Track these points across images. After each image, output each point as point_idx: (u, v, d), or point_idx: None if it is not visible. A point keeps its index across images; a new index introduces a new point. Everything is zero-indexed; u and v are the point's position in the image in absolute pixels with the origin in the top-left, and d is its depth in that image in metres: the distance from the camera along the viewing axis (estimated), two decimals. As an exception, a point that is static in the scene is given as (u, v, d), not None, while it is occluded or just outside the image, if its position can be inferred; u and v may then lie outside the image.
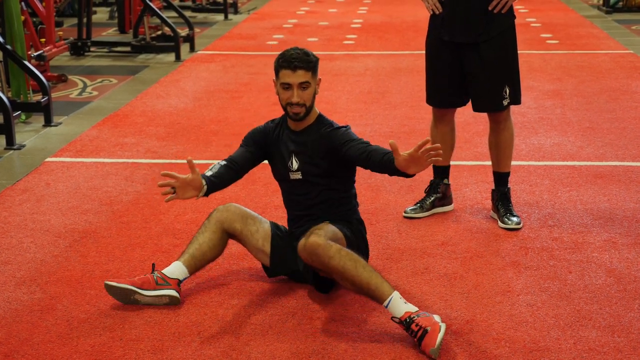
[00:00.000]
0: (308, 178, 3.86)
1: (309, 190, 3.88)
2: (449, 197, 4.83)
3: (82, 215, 4.80)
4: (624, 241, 4.38)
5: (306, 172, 3.86)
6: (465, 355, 3.33)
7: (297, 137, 3.87)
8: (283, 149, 3.88)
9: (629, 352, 3.34)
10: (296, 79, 3.73)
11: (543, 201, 4.95)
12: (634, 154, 5.77)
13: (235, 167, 3.85)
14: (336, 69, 8.64)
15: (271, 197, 5.05)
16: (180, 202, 4.96)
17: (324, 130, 3.83)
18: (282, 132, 3.91)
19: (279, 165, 3.91)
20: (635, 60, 8.78)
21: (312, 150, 3.83)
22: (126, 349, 3.40)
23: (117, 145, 6.12)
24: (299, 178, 3.87)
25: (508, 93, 4.54)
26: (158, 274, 3.75)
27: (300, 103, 3.76)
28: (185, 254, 3.81)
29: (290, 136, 3.88)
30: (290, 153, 3.87)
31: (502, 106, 4.54)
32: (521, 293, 3.84)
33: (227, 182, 3.83)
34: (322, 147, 3.81)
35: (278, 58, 3.80)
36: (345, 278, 3.47)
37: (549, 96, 7.36)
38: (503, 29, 4.54)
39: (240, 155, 3.89)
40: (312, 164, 3.84)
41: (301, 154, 3.85)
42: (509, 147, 4.66)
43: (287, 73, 3.75)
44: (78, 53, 9.49)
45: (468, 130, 6.37)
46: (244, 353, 3.36)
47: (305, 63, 3.75)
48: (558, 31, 10.61)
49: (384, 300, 3.42)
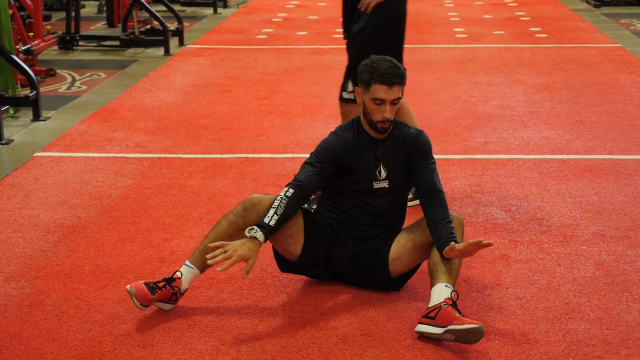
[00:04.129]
0: (394, 186, 3.73)
1: (388, 200, 3.75)
2: None
3: (71, 210, 4.79)
4: (613, 234, 4.39)
5: (393, 180, 3.72)
6: (455, 347, 3.34)
7: (381, 144, 3.69)
8: (368, 158, 3.68)
9: (617, 345, 3.36)
10: (391, 95, 3.56)
11: (532, 194, 4.96)
12: (622, 147, 5.79)
13: (305, 195, 3.59)
14: (326, 62, 8.64)
15: (261, 191, 5.04)
16: (168, 196, 4.95)
17: (406, 131, 3.71)
18: (361, 140, 3.69)
19: (362, 176, 3.69)
20: (624, 54, 8.80)
21: (397, 156, 3.70)
22: (116, 344, 3.39)
23: (106, 139, 6.10)
24: (384, 187, 3.72)
25: (350, 87, 4.59)
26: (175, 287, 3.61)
27: (391, 120, 3.62)
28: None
29: (373, 143, 3.69)
30: (378, 162, 3.69)
31: (342, 97, 4.65)
32: (510, 286, 3.85)
33: (293, 214, 3.59)
34: (406, 151, 3.70)
35: (370, 71, 3.58)
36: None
37: (538, 90, 7.37)
38: (366, 26, 4.55)
39: (312, 179, 3.61)
40: (398, 171, 3.72)
41: (388, 161, 3.70)
42: None
43: (383, 89, 3.55)
44: (66, 47, 9.45)
45: (457, 124, 6.39)
46: (234, 347, 3.36)
47: (400, 78, 3.57)
48: (547, 25, 10.63)
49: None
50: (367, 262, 3.74)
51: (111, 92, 7.52)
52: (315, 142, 5.95)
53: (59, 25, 10.34)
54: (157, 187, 5.12)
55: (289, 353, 3.32)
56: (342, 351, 3.33)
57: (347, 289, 3.81)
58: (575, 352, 3.31)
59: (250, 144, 5.95)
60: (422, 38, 9.87)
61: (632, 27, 10.46)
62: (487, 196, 4.94)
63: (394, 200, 3.79)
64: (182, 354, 3.32)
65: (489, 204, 4.83)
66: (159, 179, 5.27)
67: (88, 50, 9.53)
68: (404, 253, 3.69)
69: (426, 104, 6.89)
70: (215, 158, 5.67)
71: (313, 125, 6.43)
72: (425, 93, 7.16)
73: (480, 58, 8.72)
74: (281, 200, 3.52)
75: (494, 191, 5.02)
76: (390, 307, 3.66)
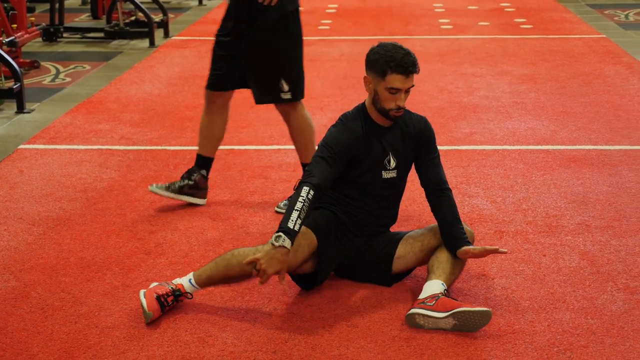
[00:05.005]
0: (402, 176, 3.72)
1: (395, 189, 3.74)
2: (202, 190, 4.67)
3: (56, 202, 4.77)
4: (597, 224, 4.41)
5: (402, 170, 3.70)
6: (441, 339, 3.35)
7: (389, 132, 3.65)
8: (377, 148, 3.62)
9: (602, 334, 3.38)
10: (407, 84, 3.51)
11: (517, 185, 4.98)
12: (607, 138, 5.81)
13: (322, 194, 3.51)
14: (311, 54, 8.62)
15: (246, 184, 5.04)
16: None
17: (412, 118, 3.70)
18: (369, 130, 3.62)
19: (371, 166, 3.63)
20: (608, 45, 8.83)
21: (405, 145, 3.67)
22: (102, 337, 3.39)
23: (91, 132, 6.08)
24: (392, 177, 3.68)
25: (288, 87, 4.44)
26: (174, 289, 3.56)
27: (404, 108, 3.58)
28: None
29: (381, 132, 3.63)
30: (387, 151, 3.64)
31: (281, 99, 4.46)
32: (496, 277, 3.86)
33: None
34: (415, 140, 3.68)
35: (387, 60, 3.50)
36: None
37: (523, 81, 7.39)
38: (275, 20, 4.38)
39: (327, 176, 3.50)
40: (406, 161, 3.70)
41: (397, 151, 3.66)
42: (302, 139, 4.57)
43: (400, 78, 3.49)
44: (50, 39, 9.40)
45: (443, 115, 6.39)
46: (220, 339, 3.36)
47: (416, 67, 3.51)
48: (532, 16, 10.65)
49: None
50: (371, 258, 3.73)
51: (96, 84, 7.48)
52: (300, 134, 5.97)
53: (43, 17, 10.28)
54: (143, 179, 5.10)
55: (275, 344, 3.33)
56: (328, 342, 3.33)
57: (333, 280, 3.81)
58: (561, 341, 3.33)
59: (236, 136, 5.94)
60: (407, 29, 9.87)
61: (616, 18, 10.49)
62: (473, 187, 4.95)
63: (400, 190, 3.80)
64: (168, 346, 3.32)
65: (474, 194, 4.84)
66: (145, 171, 5.25)
67: (72, 42, 9.48)
68: (411, 252, 3.71)
69: (412, 96, 6.87)
70: (200, 150, 5.65)
71: (299, 116, 6.41)
72: (411, 84, 7.16)
73: (465, 49, 8.73)
74: (304, 203, 3.39)
75: (480, 182, 5.03)
76: (376, 298, 3.67)
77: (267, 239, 4.24)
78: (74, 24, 10.23)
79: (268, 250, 3.34)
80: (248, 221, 4.50)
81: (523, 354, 3.25)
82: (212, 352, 3.28)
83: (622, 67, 7.83)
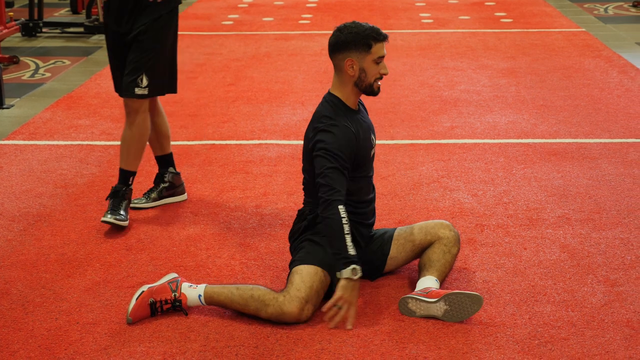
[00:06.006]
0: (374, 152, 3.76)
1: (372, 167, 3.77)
2: (179, 186, 4.68)
3: (37, 198, 4.75)
4: (577, 217, 4.44)
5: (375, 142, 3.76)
6: (422, 332, 3.36)
7: (360, 114, 3.66)
8: (364, 133, 3.62)
9: (583, 326, 3.40)
10: (385, 50, 3.58)
11: (498, 178, 4.99)
12: (586, 131, 5.84)
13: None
14: (292, 48, 8.61)
15: (228, 178, 5.03)
16: (135, 183, 4.92)
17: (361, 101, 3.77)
18: (351, 119, 3.59)
19: (364, 153, 3.62)
20: (588, 39, 8.87)
21: (368, 117, 3.75)
22: (83, 333, 3.38)
23: (71, 127, 6.05)
24: (373, 153, 3.71)
25: (144, 82, 4.31)
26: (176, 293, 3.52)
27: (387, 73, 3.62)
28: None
29: (357, 116, 3.63)
30: (368, 131, 3.66)
31: (134, 94, 4.31)
32: (477, 270, 3.87)
33: None
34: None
35: (366, 34, 3.50)
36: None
37: (504, 74, 7.41)
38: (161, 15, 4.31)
39: (345, 184, 3.49)
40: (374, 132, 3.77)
41: (370, 126, 3.71)
42: (139, 144, 4.44)
43: (382, 46, 3.53)
44: (30, 34, 9.34)
45: (424, 109, 6.40)
46: (202, 334, 3.36)
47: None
48: (512, 10, 10.68)
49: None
50: (365, 257, 3.69)
51: (76, 79, 7.45)
52: (282, 128, 5.97)
53: (22, 12, 10.20)
54: (123, 175, 5.08)
55: (257, 339, 3.33)
56: (310, 336, 3.34)
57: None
58: (542, 334, 3.35)
59: (217, 131, 5.93)
60: (388, 23, 9.87)
61: (596, 12, 10.54)
62: (454, 180, 4.97)
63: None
64: (150, 341, 3.31)
65: (455, 188, 4.85)
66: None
67: (52, 37, 9.42)
68: (402, 252, 3.74)
69: (393, 89, 6.91)
70: (181, 145, 5.64)
71: (280, 111, 6.42)
72: (392, 78, 7.17)
73: (446, 43, 8.74)
74: (348, 223, 3.38)
75: (461, 175, 5.05)
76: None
77: (248, 233, 4.25)
78: (54, 18, 10.16)
79: (346, 285, 3.31)
80: (229, 216, 4.49)
81: (504, 346, 3.27)
82: (194, 348, 3.27)
83: (602, 61, 7.86)
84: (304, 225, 3.66)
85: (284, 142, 5.69)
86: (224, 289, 3.48)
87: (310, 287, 3.43)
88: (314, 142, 3.53)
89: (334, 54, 3.58)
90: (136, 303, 3.44)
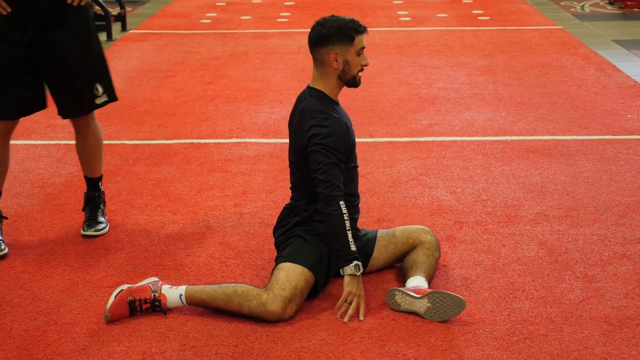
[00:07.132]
0: None
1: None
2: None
3: (14, 198, 4.72)
4: (555, 214, 4.46)
5: None
6: (402, 329, 3.37)
7: (341, 106, 3.70)
8: (347, 122, 3.65)
9: (561, 322, 3.42)
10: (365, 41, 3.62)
11: (477, 176, 5.01)
12: (564, 128, 5.87)
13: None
14: (270, 46, 8.61)
15: (206, 177, 5.02)
16: (113, 183, 4.90)
17: None
18: (338, 111, 3.62)
19: (351, 139, 3.64)
20: (565, 36, 8.92)
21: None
22: (61, 333, 3.36)
23: (48, 126, 6.01)
24: (354, 142, 3.73)
25: (102, 90, 4.20)
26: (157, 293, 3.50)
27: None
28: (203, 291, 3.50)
29: (340, 108, 3.67)
30: (349, 120, 3.71)
31: (95, 105, 4.16)
32: (456, 267, 3.89)
33: None
34: None
35: (347, 26, 3.53)
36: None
37: (481, 72, 7.44)
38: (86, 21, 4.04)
39: (342, 178, 3.54)
40: None
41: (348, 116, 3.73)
42: (98, 152, 4.28)
43: (362, 37, 3.57)
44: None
45: (402, 107, 6.42)
46: (182, 333, 3.35)
47: None
48: (489, 7, 10.72)
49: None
50: None
51: (52, 78, 7.39)
52: (260, 127, 5.97)
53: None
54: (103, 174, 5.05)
55: (237, 338, 3.32)
56: (290, 335, 3.34)
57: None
58: (520, 330, 3.36)
59: (195, 129, 5.91)
60: (365, 21, 9.88)
61: (572, 9, 10.60)
62: (432, 178, 4.98)
63: None
64: (129, 341, 3.30)
65: (434, 185, 4.87)
66: (103, 166, 5.19)
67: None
68: (385, 254, 3.77)
69: (371, 87, 6.92)
70: (160, 144, 5.63)
71: (258, 109, 6.41)
72: (370, 77, 7.18)
73: (424, 41, 8.76)
74: (349, 219, 3.46)
75: (439, 173, 5.06)
76: (337, 291, 3.66)
77: (227, 232, 4.24)
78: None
79: (351, 280, 3.44)
80: (208, 215, 4.48)
81: (483, 343, 3.28)
82: (173, 347, 3.26)
83: (579, 58, 7.91)
84: (296, 220, 3.67)
85: (263, 141, 5.68)
86: (206, 287, 3.48)
87: (295, 287, 3.43)
88: (309, 136, 3.53)
89: (316, 48, 3.59)
90: (115, 300, 3.43)
